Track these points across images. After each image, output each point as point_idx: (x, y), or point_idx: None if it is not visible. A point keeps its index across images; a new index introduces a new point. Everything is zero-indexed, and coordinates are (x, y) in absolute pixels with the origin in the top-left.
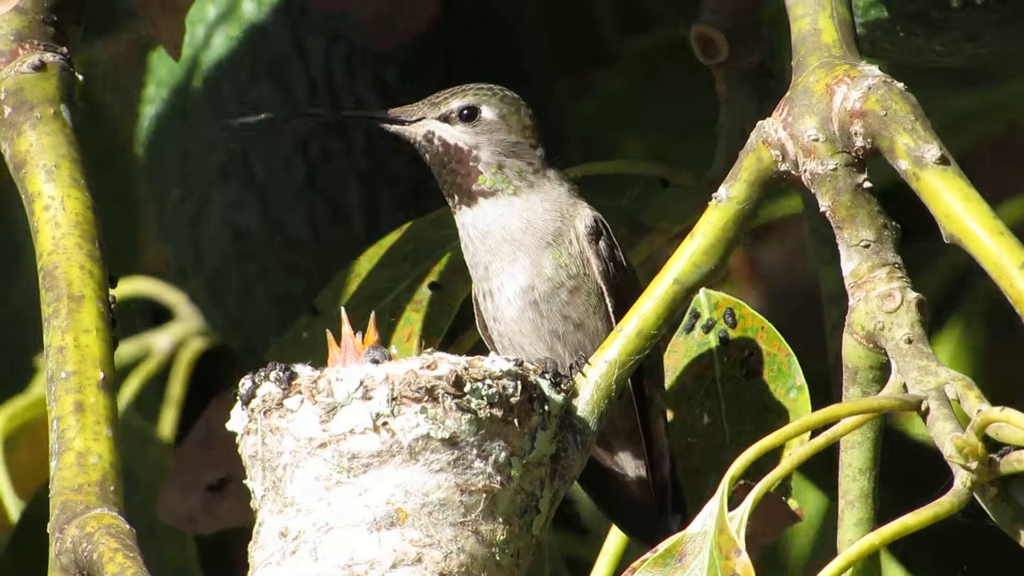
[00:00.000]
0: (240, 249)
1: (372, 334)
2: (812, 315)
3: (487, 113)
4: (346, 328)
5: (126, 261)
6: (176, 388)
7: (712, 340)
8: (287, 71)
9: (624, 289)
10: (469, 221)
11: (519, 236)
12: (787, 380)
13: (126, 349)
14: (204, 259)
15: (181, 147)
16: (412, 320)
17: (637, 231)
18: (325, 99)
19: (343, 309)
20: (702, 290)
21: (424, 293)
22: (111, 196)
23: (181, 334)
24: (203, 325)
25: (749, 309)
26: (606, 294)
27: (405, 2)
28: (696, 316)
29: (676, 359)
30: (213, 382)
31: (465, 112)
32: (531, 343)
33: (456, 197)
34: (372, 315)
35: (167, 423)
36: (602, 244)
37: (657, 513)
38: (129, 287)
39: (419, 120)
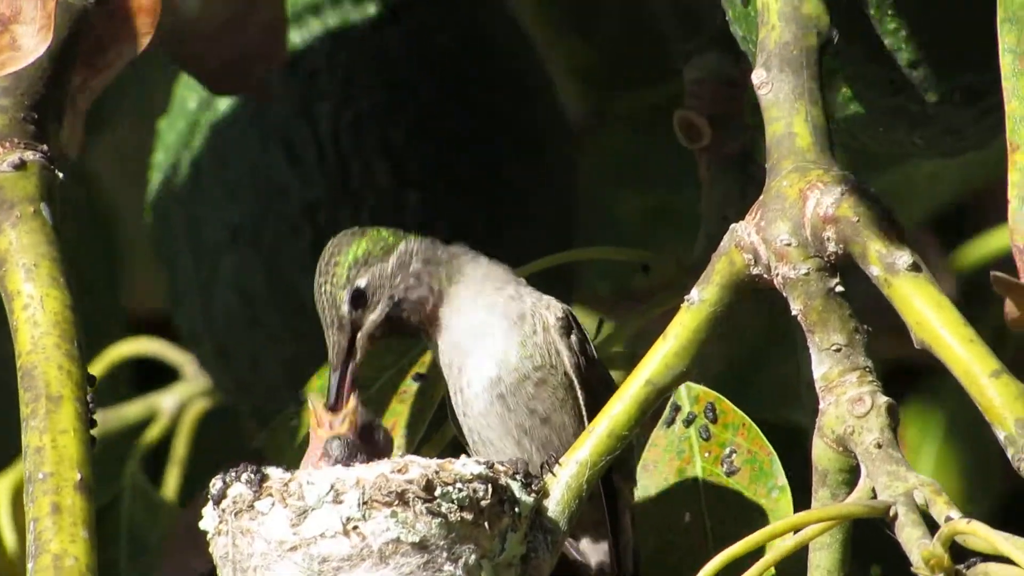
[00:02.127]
0: (249, 314)
1: (347, 426)
2: None
3: (364, 281)
4: (319, 411)
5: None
6: (181, 448)
7: (693, 435)
8: (295, 136)
9: (595, 383)
10: (443, 339)
11: (485, 321)
12: (768, 480)
13: (132, 409)
14: (214, 324)
15: (190, 214)
16: (397, 411)
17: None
18: (333, 165)
19: (308, 397)
20: (683, 384)
21: (409, 384)
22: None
23: (187, 394)
24: (209, 386)
25: (730, 404)
26: (578, 387)
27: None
28: (677, 409)
29: (656, 453)
30: (220, 442)
31: (355, 301)
32: (499, 437)
33: (426, 330)
34: (353, 398)
35: (172, 484)
36: (573, 337)
37: None
38: (134, 347)
39: (354, 348)
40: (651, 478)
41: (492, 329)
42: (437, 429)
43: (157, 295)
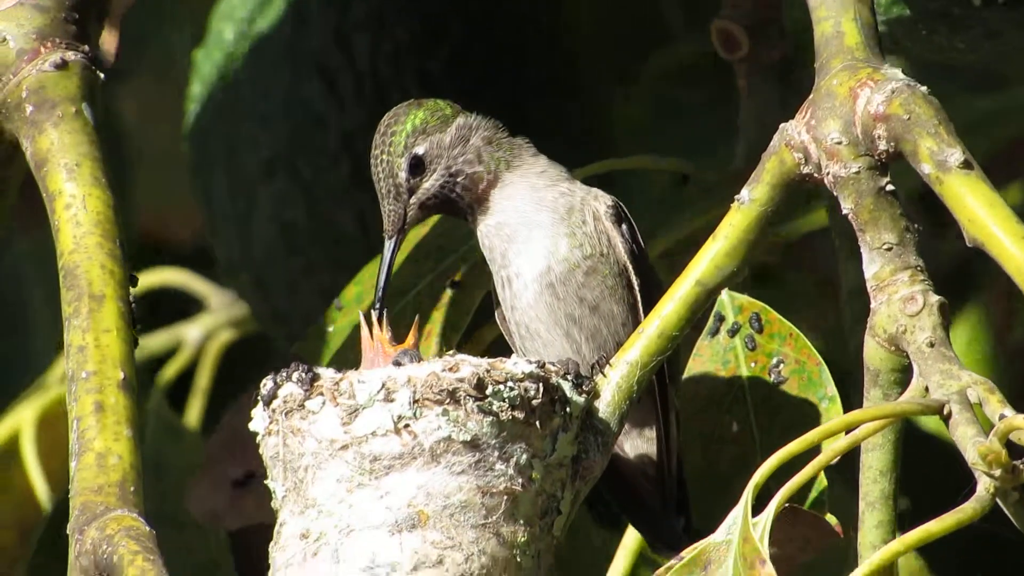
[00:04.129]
0: (287, 244)
1: (411, 337)
2: None
3: (422, 148)
4: (376, 330)
5: None
6: (204, 378)
7: (738, 345)
8: (331, 67)
9: (646, 272)
10: (487, 222)
11: (532, 214)
12: (818, 389)
13: (157, 340)
14: (252, 254)
15: (228, 145)
16: (433, 319)
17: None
18: (371, 95)
19: (360, 313)
20: (725, 292)
21: (444, 291)
22: None
23: (211, 325)
24: (235, 317)
25: (776, 315)
26: (632, 272)
27: None
28: (721, 319)
29: (701, 363)
30: (245, 373)
31: (412, 168)
32: (547, 328)
33: (473, 211)
34: (416, 319)
35: (194, 414)
36: (624, 226)
37: (663, 513)
38: (161, 277)
39: (407, 214)
40: (696, 387)
41: (542, 219)
42: (469, 338)
43: (185, 228)
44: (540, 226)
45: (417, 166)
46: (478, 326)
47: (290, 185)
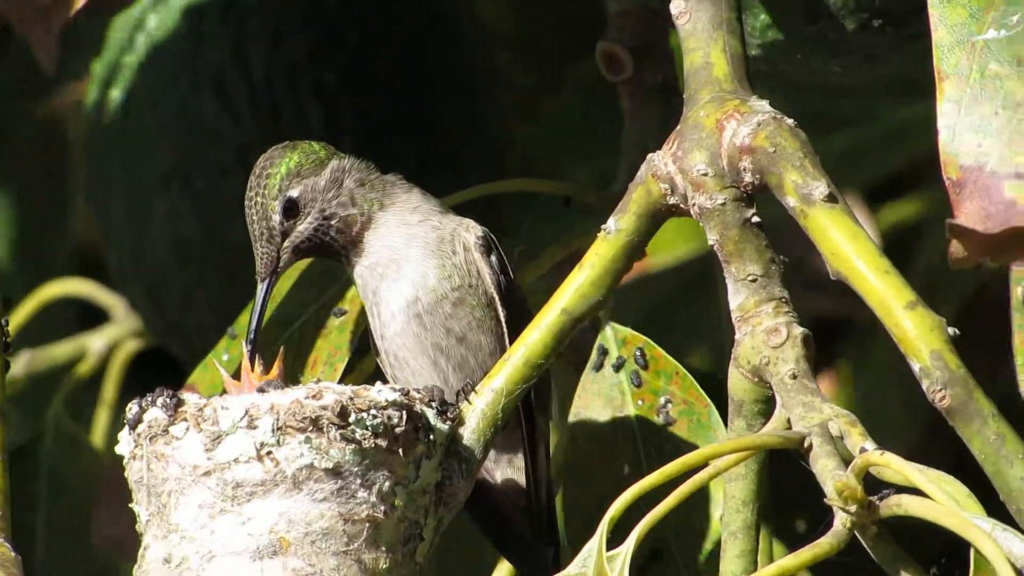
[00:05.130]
0: (180, 257)
1: (276, 368)
2: None
3: (296, 192)
4: (245, 363)
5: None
6: (110, 391)
7: (624, 381)
8: (227, 80)
9: (514, 303)
10: (362, 263)
11: (402, 250)
12: (707, 432)
13: (61, 349)
14: (145, 266)
15: (123, 156)
16: (318, 347)
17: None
18: (267, 108)
19: (244, 344)
20: (608, 325)
21: (329, 319)
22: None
23: (116, 336)
24: (139, 327)
25: (661, 351)
26: (498, 303)
27: None
28: (604, 353)
29: (587, 399)
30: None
31: (286, 212)
32: (415, 357)
33: (347, 253)
34: (280, 350)
35: (100, 427)
36: (493, 257)
37: (532, 543)
38: (64, 287)
39: (279, 257)
40: (583, 425)
41: (411, 254)
42: (358, 364)
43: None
44: (410, 260)
45: (291, 209)
46: (363, 355)
47: (184, 198)
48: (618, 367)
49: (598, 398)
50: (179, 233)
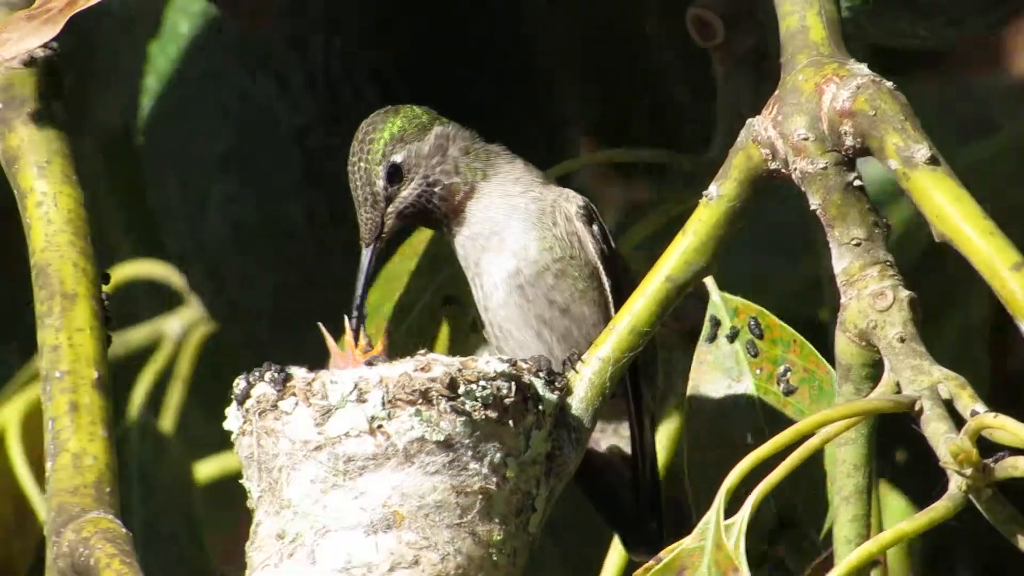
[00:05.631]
0: (239, 240)
1: (380, 344)
2: None
3: (400, 157)
4: (347, 336)
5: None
6: (184, 371)
7: (740, 351)
8: (284, 63)
9: (617, 272)
10: (463, 232)
11: (503, 222)
12: (830, 399)
13: (137, 334)
14: (204, 250)
15: (181, 140)
16: (435, 332)
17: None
18: (322, 91)
19: (345, 317)
20: (717, 294)
21: (439, 306)
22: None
23: (190, 319)
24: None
25: (775, 319)
26: (603, 273)
27: None
28: (716, 324)
29: (704, 371)
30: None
31: (390, 177)
32: (518, 329)
33: (449, 221)
34: (385, 325)
35: (171, 409)
36: (595, 226)
37: (638, 515)
38: (137, 269)
39: (384, 223)
40: (702, 397)
41: (512, 226)
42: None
43: None
44: (511, 232)
45: (395, 174)
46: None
47: (242, 180)
48: (732, 337)
49: (715, 369)
50: (237, 217)
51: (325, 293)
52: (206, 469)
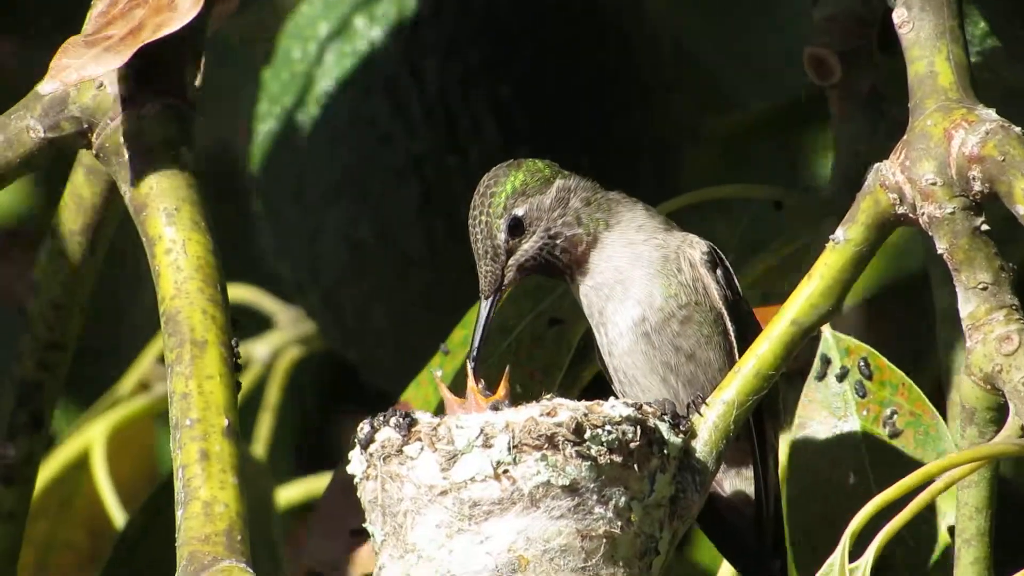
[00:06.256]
0: (356, 265)
1: (503, 388)
2: None
3: (522, 210)
4: (470, 382)
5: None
6: (272, 398)
7: (848, 391)
8: (401, 89)
9: (742, 316)
10: (586, 283)
11: (627, 270)
12: (937, 445)
13: None
14: (320, 275)
15: (296, 164)
16: (536, 357)
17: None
18: (440, 118)
19: (468, 361)
20: (830, 333)
21: (545, 329)
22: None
23: (279, 343)
24: (301, 334)
25: (885, 360)
26: (727, 319)
27: None
28: (827, 362)
29: (811, 409)
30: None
31: (512, 230)
32: (644, 375)
33: (572, 272)
34: (507, 369)
35: (263, 434)
36: (719, 271)
37: (759, 553)
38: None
39: (504, 275)
40: (808, 435)
41: (636, 274)
42: (574, 375)
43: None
44: (635, 280)
45: (516, 228)
46: (579, 363)
47: (359, 205)
48: (841, 377)
49: (822, 408)
50: (355, 241)
51: (440, 318)
52: (287, 494)
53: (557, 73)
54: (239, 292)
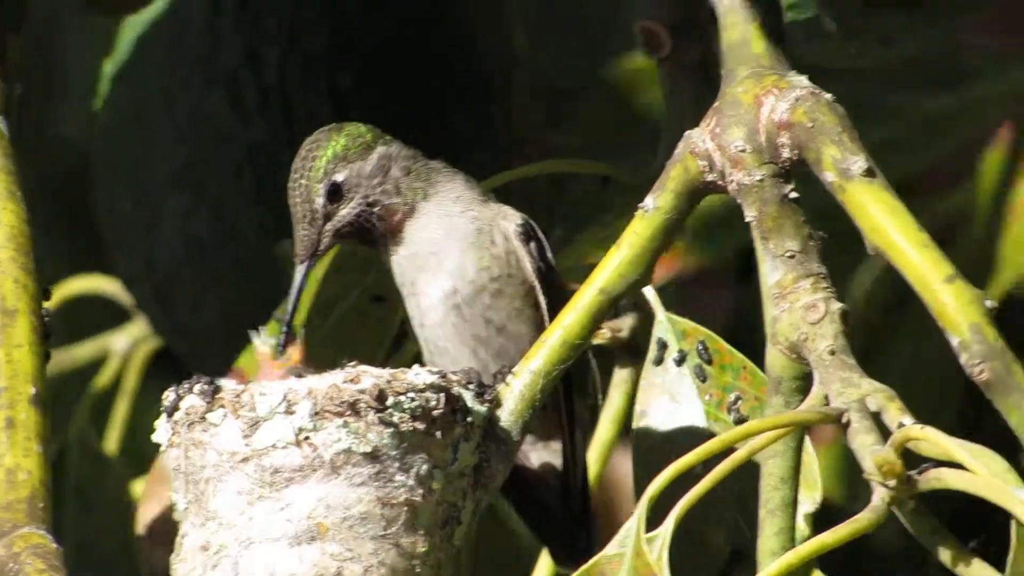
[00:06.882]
0: (191, 258)
1: (297, 353)
2: None
3: (342, 176)
4: (262, 349)
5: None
6: (131, 383)
7: (689, 376)
8: (239, 80)
9: (554, 289)
10: (400, 252)
11: (441, 242)
12: None
13: (83, 350)
14: (155, 266)
15: (132, 155)
16: (359, 334)
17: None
18: (278, 109)
19: (280, 328)
20: (663, 316)
21: (369, 306)
22: None
23: (139, 335)
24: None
25: (724, 344)
26: (539, 292)
27: None
28: (663, 347)
29: (651, 394)
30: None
31: (331, 195)
32: (455, 347)
33: (386, 241)
34: (300, 334)
35: (117, 424)
36: (532, 244)
37: (567, 527)
38: (85, 284)
39: (320, 240)
40: (650, 421)
41: (450, 246)
42: (397, 350)
43: None
44: (449, 252)
45: (335, 193)
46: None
47: (196, 198)
48: (680, 361)
49: (662, 394)
50: (190, 233)
51: (274, 309)
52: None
53: (397, 63)
54: (98, 283)
